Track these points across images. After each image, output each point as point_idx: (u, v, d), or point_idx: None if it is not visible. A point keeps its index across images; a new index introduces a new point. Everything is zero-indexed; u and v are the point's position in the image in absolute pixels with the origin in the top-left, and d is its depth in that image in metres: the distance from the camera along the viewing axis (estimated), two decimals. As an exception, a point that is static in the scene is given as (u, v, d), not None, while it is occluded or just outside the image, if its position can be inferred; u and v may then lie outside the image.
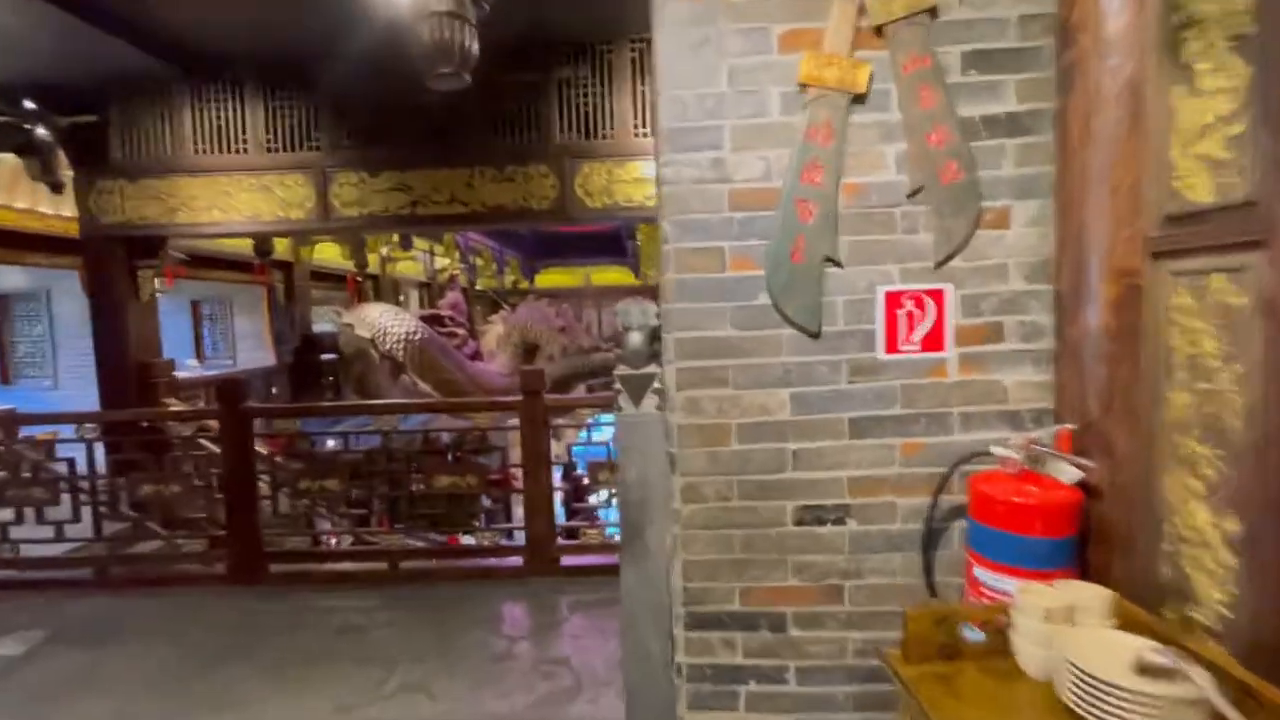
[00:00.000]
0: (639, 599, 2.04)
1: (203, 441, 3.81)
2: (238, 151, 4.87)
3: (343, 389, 8.44)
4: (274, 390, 7.04)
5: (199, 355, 10.54)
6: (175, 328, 10.40)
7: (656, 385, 2.01)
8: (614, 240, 16.48)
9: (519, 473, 3.73)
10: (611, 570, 3.60)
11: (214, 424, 3.74)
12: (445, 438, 3.77)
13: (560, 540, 3.69)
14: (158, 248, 5.10)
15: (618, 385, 2.04)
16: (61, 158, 5.05)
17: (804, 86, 1.64)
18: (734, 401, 1.71)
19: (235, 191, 4.88)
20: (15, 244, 6.01)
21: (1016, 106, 1.60)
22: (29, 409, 7.76)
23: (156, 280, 9.27)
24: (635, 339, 2.07)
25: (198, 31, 4.48)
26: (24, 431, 3.99)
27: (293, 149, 4.86)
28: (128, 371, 5.02)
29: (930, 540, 1.67)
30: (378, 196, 4.86)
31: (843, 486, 1.69)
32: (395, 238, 7.96)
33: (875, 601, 1.69)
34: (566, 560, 3.66)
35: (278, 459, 3.77)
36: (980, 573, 1.46)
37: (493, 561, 3.68)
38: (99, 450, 3.86)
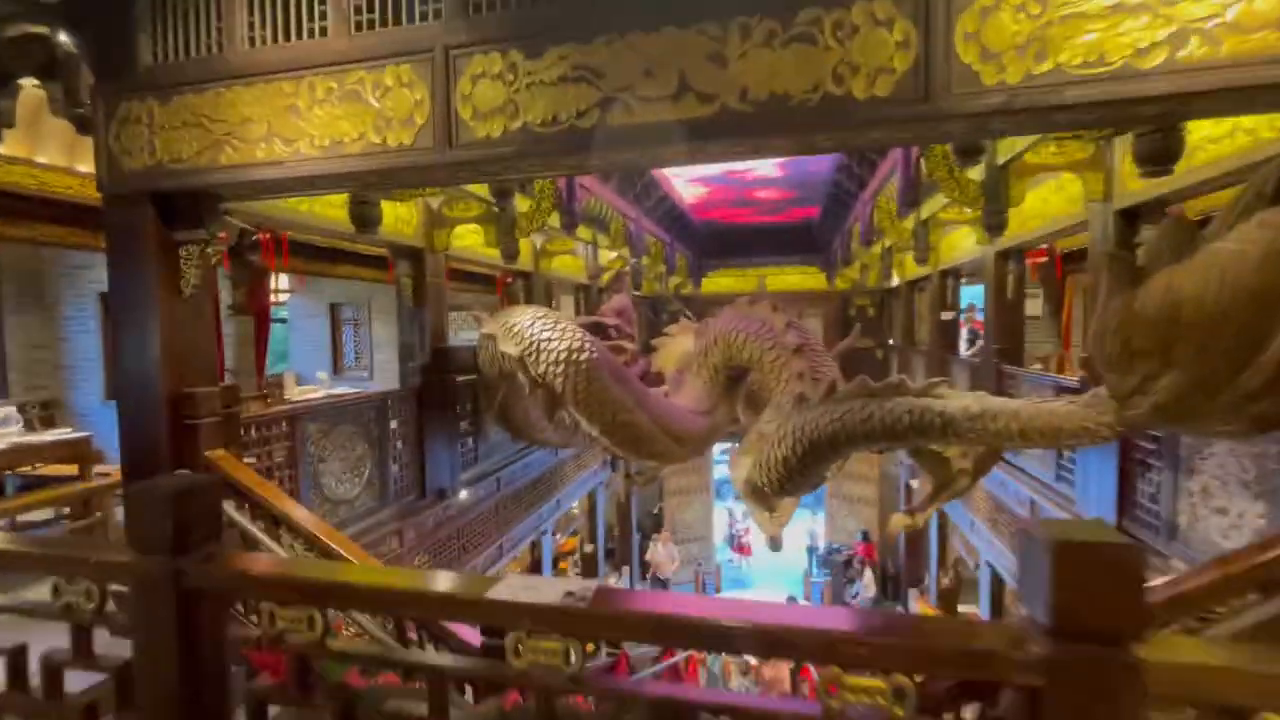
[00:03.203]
0: None
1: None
2: (310, 32, 2.79)
3: (481, 432, 6.45)
4: (393, 425, 5.11)
5: (337, 366, 9.33)
6: (311, 333, 9.28)
7: None
8: (800, 233, 13.55)
9: None
10: None
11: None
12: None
13: None
14: (205, 210, 3.17)
15: None
16: (87, 75, 3.33)
17: None
18: None
19: (306, 105, 2.79)
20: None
21: None
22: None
23: (285, 278, 8.08)
24: None
25: None
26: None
27: (395, 19, 2.69)
28: (152, 406, 3.14)
29: None
30: (540, 95, 2.51)
31: None
32: (555, 218, 5.81)
33: None
34: None
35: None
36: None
37: None
38: None
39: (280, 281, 7.60)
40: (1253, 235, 2.26)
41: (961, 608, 10.39)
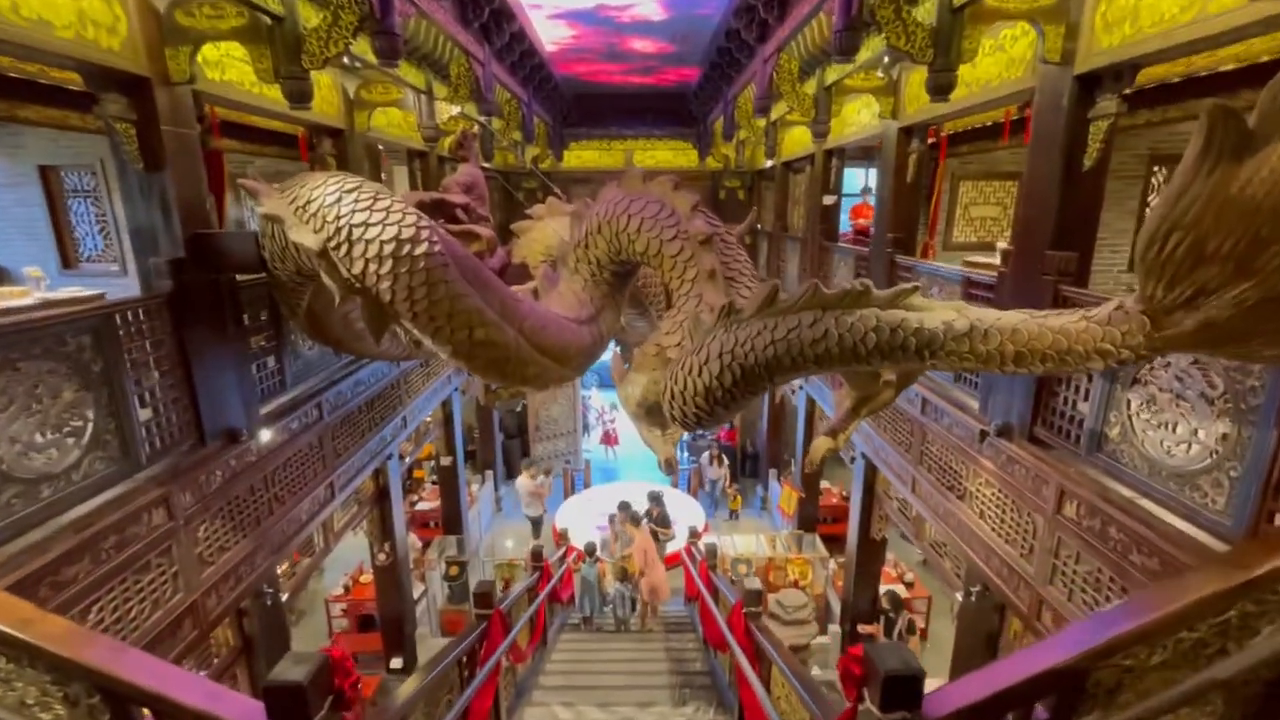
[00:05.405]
0: None
1: None
2: None
3: (286, 347, 4.81)
4: (130, 352, 3.43)
5: (66, 257, 6.74)
6: (14, 211, 6.50)
7: None
8: (674, 101, 12.12)
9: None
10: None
11: None
12: None
13: None
14: None
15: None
16: None
17: None
18: None
19: None
20: None
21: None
22: None
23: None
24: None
25: None
26: None
27: None
28: None
29: None
30: None
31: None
32: (365, 45, 4.02)
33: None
34: None
35: None
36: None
37: None
38: None
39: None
40: None
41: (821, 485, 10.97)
